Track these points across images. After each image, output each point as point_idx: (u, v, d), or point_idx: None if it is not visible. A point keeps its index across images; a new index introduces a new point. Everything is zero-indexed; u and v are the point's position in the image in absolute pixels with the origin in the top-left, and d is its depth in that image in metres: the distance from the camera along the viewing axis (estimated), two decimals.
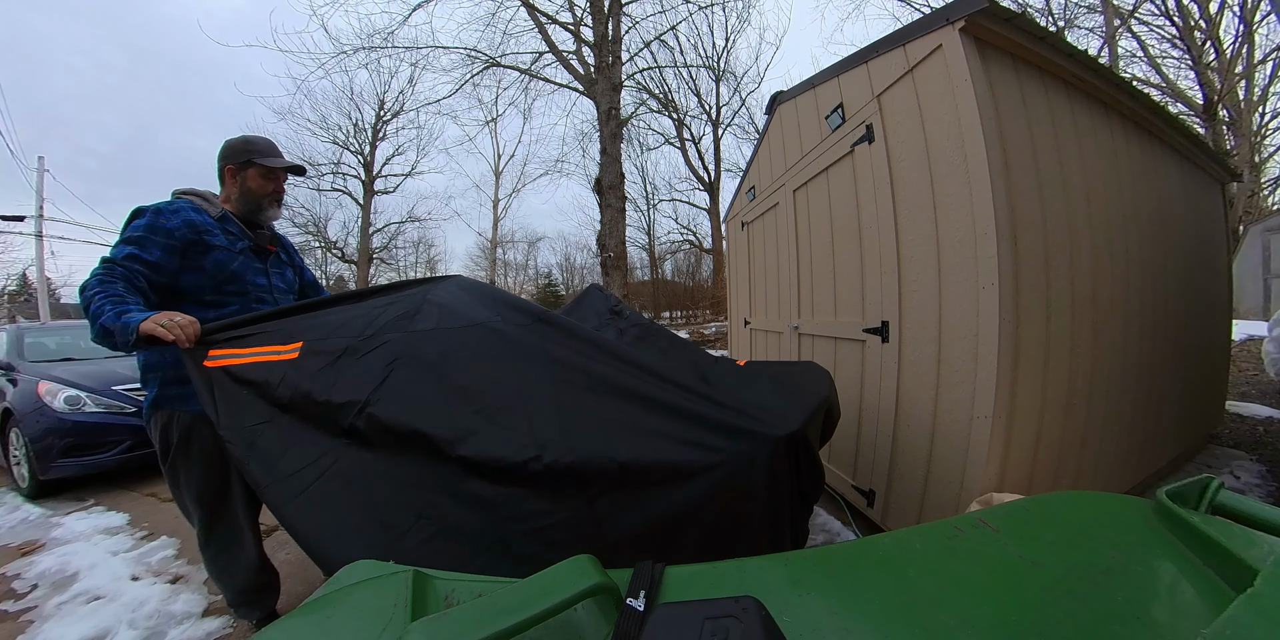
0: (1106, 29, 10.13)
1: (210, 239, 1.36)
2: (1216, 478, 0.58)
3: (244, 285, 1.42)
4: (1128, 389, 1.99)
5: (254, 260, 1.48)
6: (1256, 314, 7.97)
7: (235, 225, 1.46)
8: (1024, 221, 1.50)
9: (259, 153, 1.44)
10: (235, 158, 1.44)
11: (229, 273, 1.39)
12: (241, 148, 1.44)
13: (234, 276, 1.40)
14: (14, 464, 3.17)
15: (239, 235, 1.46)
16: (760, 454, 0.96)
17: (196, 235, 1.33)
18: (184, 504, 1.40)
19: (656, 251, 26.65)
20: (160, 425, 1.34)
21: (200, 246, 1.34)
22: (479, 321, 1.21)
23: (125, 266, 1.22)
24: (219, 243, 1.38)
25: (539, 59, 8.88)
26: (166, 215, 1.30)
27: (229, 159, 1.44)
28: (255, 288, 1.45)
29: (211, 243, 1.36)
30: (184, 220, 1.32)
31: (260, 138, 1.50)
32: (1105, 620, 0.43)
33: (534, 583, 0.43)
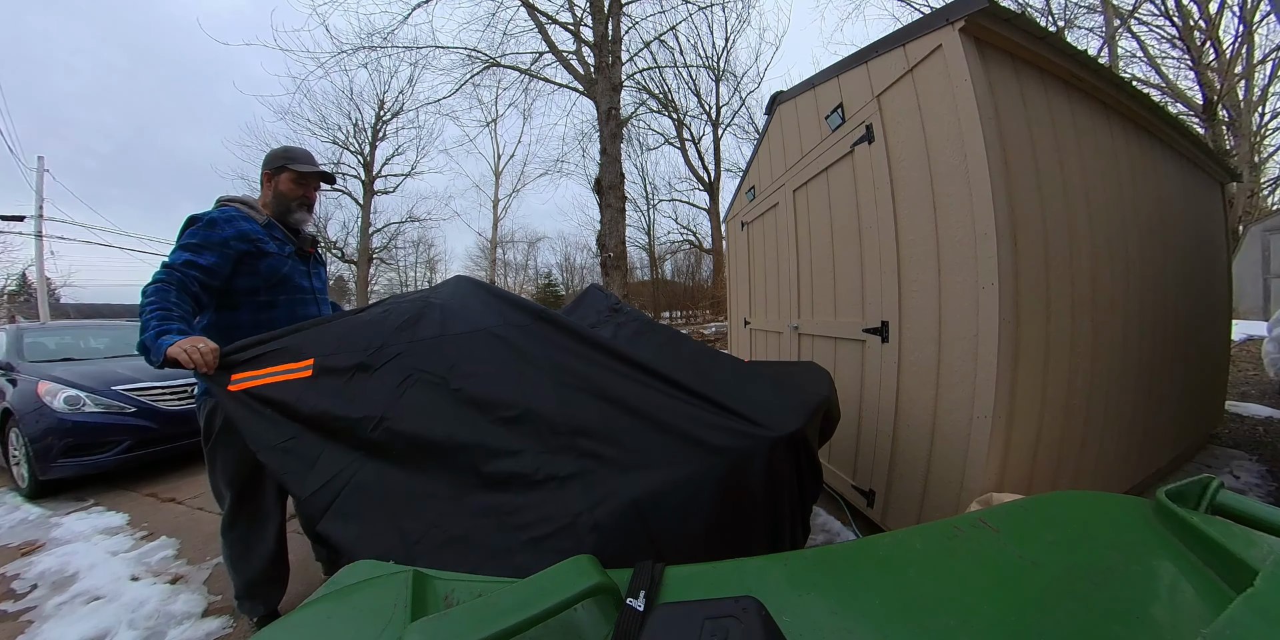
0: (1106, 29, 10.13)
1: (264, 246, 1.47)
2: (1216, 478, 0.58)
3: (292, 288, 1.54)
4: (1127, 389, 1.99)
5: (299, 263, 1.59)
6: (1256, 314, 7.97)
7: (280, 231, 1.57)
8: (1024, 221, 1.50)
9: (293, 160, 1.57)
10: (272, 163, 1.57)
11: (280, 276, 1.50)
12: (279, 155, 1.58)
13: (284, 280, 1.52)
14: (14, 464, 3.17)
15: (285, 240, 1.57)
16: (760, 454, 0.96)
17: (250, 244, 1.44)
18: (217, 486, 1.46)
19: (656, 251, 26.66)
20: (207, 411, 1.42)
21: (255, 254, 1.45)
22: (482, 327, 1.22)
23: (182, 272, 1.31)
24: (271, 249, 1.49)
25: (539, 59, 8.89)
26: (221, 225, 1.40)
27: (267, 165, 1.57)
28: (301, 290, 1.57)
29: (265, 249, 1.47)
30: (237, 230, 1.42)
31: (299, 148, 1.62)
32: (1105, 620, 0.43)
33: (534, 583, 0.43)
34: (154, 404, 3.32)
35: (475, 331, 1.21)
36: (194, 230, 1.38)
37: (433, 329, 1.21)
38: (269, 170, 1.57)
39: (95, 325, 4.86)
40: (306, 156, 1.60)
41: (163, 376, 3.50)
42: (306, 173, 1.58)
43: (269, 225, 1.54)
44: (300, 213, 1.61)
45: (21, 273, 23.45)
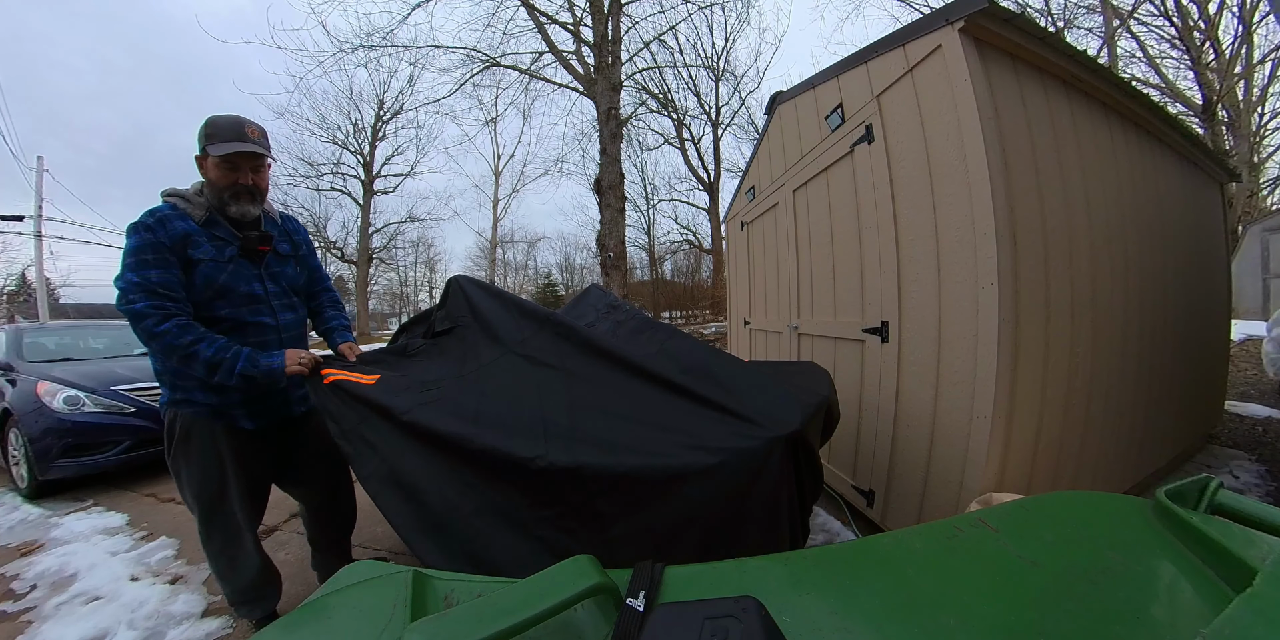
0: (1106, 29, 10.14)
1: (194, 251, 1.26)
2: (1215, 477, 0.58)
3: (235, 297, 1.33)
4: (1127, 389, 1.99)
5: (246, 267, 1.35)
6: (1255, 314, 7.97)
7: (223, 228, 1.32)
8: (1023, 221, 1.50)
9: (213, 137, 1.25)
10: (199, 145, 1.27)
11: (217, 287, 1.29)
12: (201, 133, 1.26)
13: (224, 290, 1.30)
14: (13, 464, 3.17)
15: (227, 239, 1.32)
16: (760, 454, 0.96)
17: (183, 250, 1.25)
18: (185, 500, 1.41)
19: (656, 251, 26.67)
20: (168, 422, 1.36)
21: (187, 261, 1.26)
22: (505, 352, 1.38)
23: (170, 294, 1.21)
24: (204, 254, 1.27)
25: (539, 59, 8.89)
26: (155, 230, 1.22)
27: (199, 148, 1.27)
28: (247, 299, 1.35)
29: (195, 256, 1.26)
30: (170, 232, 1.23)
31: (225, 118, 1.27)
32: (1105, 620, 0.43)
33: (534, 583, 0.43)
34: (153, 404, 3.31)
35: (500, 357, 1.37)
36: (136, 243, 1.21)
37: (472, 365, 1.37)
38: (197, 155, 1.28)
39: (95, 325, 4.85)
40: (232, 129, 1.26)
41: None
42: (228, 155, 1.25)
43: (209, 222, 1.30)
44: (238, 204, 1.32)
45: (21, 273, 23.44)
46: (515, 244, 30.09)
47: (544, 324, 1.41)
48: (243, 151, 1.26)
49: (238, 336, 1.32)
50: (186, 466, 1.35)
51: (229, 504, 1.38)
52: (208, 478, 1.35)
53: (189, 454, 1.34)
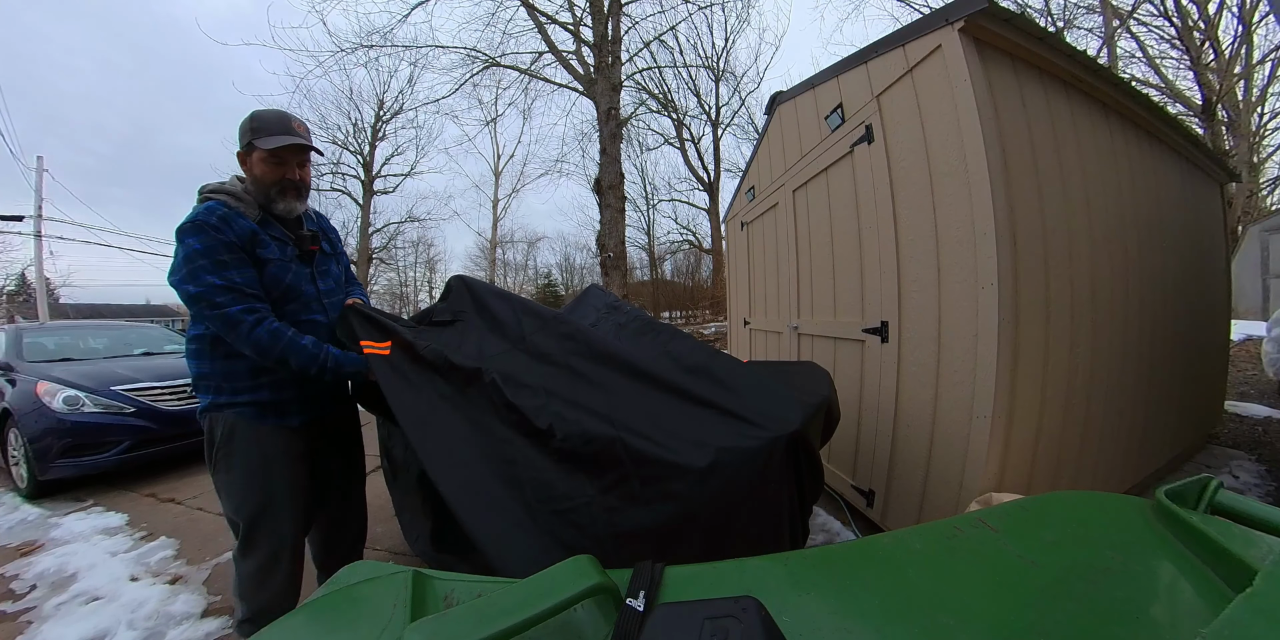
0: (1105, 29, 10.14)
1: (263, 251, 1.23)
2: (1215, 477, 0.58)
3: (298, 297, 1.31)
4: (1127, 388, 1.99)
5: (301, 266, 1.34)
6: (1255, 314, 7.97)
7: (278, 228, 1.30)
8: (1023, 221, 1.50)
9: (259, 131, 1.22)
10: (241, 141, 1.24)
11: (285, 287, 1.27)
12: (245, 128, 1.23)
13: (290, 291, 1.28)
14: (13, 464, 3.17)
15: (284, 240, 1.30)
16: (761, 454, 0.96)
17: (250, 250, 1.20)
18: (228, 507, 1.29)
19: (656, 251, 26.68)
20: (208, 428, 1.29)
21: (255, 261, 1.21)
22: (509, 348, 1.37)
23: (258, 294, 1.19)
24: (271, 254, 1.24)
25: (539, 59, 8.89)
26: (223, 229, 1.16)
27: (238, 143, 1.25)
28: (306, 297, 1.34)
29: (264, 255, 1.23)
30: (238, 232, 1.18)
31: (270, 111, 1.25)
32: (1105, 620, 0.43)
33: (533, 583, 0.43)
34: (153, 404, 3.31)
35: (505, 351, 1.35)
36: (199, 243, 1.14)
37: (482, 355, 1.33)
38: (240, 150, 1.25)
39: (94, 325, 4.86)
40: (278, 123, 1.23)
41: (162, 376, 3.50)
42: (278, 149, 1.21)
43: (264, 222, 1.26)
44: (285, 200, 1.28)
45: (20, 273, 23.44)
46: (515, 244, 30.11)
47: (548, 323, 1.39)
48: (291, 145, 1.22)
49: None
50: (228, 473, 1.25)
51: (277, 514, 1.27)
52: (250, 484, 1.25)
53: (230, 459, 1.25)
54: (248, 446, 1.25)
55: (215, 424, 1.26)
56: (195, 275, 1.13)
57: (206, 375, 1.27)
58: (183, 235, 1.16)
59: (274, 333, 1.17)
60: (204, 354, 1.25)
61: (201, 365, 1.27)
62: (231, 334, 1.15)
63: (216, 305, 1.13)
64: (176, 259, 1.16)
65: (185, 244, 1.15)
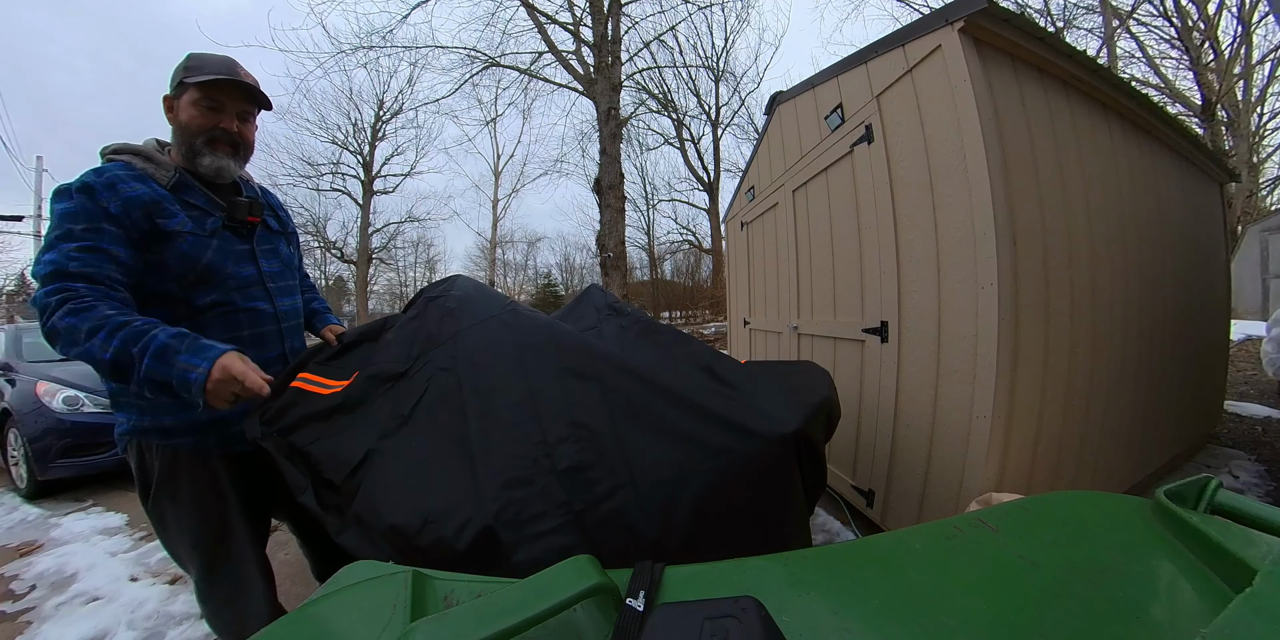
0: (1105, 30, 10.15)
1: (166, 223, 0.95)
2: (1215, 477, 0.58)
3: (222, 280, 1.03)
4: (1126, 388, 1.99)
5: (233, 241, 1.07)
6: (1255, 314, 7.98)
7: (198, 193, 1.03)
8: (1023, 221, 1.50)
9: (195, 70, 0.99)
10: (171, 83, 1.01)
11: (202, 268, 1.00)
12: (178, 68, 1.00)
13: (208, 272, 1.01)
14: (12, 464, 3.17)
15: (207, 208, 1.03)
16: (760, 454, 0.96)
17: (147, 220, 0.94)
18: (176, 551, 1.08)
19: (656, 251, 26.68)
20: (136, 455, 1.03)
21: (155, 235, 0.95)
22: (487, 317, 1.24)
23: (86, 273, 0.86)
24: (179, 226, 0.97)
25: (538, 59, 8.89)
26: (103, 193, 0.91)
27: (168, 88, 1.02)
28: (239, 280, 1.06)
29: (168, 228, 0.95)
30: (125, 198, 0.92)
31: (213, 54, 1.03)
32: (1104, 620, 0.43)
33: (533, 583, 0.43)
34: None
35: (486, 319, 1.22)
36: (66, 208, 0.90)
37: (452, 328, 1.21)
38: (168, 95, 1.02)
39: None
40: (222, 65, 1.01)
41: None
42: (217, 84, 0.98)
43: (179, 185, 1.00)
44: (213, 155, 1.03)
45: (20, 273, 23.44)
46: (515, 244, 30.06)
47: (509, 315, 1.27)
48: (232, 82, 0.99)
49: (226, 329, 1.03)
50: (175, 510, 1.02)
51: (235, 548, 1.06)
52: (206, 522, 1.03)
53: (177, 497, 1.02)
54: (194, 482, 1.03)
55: (146, 455, 1.01)
56: (47, 248, 0.89)
57: (124, 391, 1.01)
58: (51, 199, 0.93)
59: (76, 312, 0.82)
60: None
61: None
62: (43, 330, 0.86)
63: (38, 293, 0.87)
64: None
65: (51, 208, 0.93)
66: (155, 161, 1.00)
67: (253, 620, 1.06)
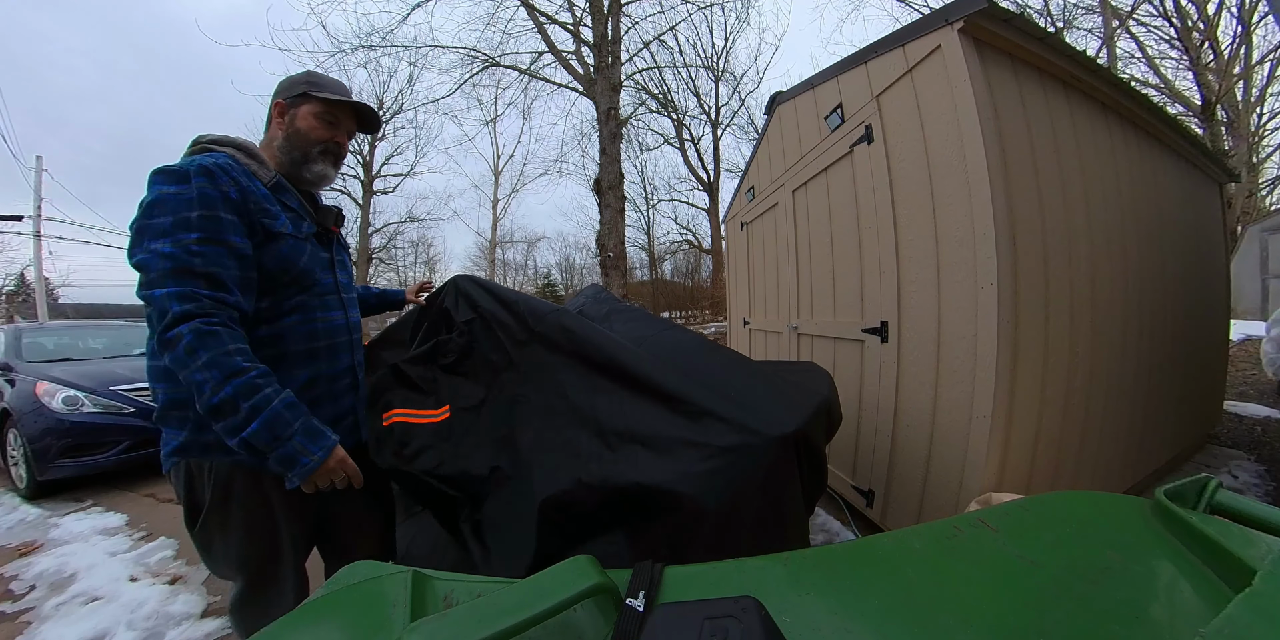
0: (1105, 30, 10.15)
1: (273, 223, 0.94)
2: (1215, 477, 0.58)
3: (310, 284, 1.02)
4: (1126, 388, 1.99)
5: (319, 249, 1.06)
6: (1254, 314, 7.98)
7: (295, 198, 1.03)
8: (1023, 221, 1.50)
9: (318, 85, 1.03)
10: (288, 91, 1.03)
11: (297, 272, 0.98)
12: (297, 80, 1.04)
13: (302, 276, 0.99)
14: (12, 464, 3.17)
15: (300, 213, 1.03)
16: (760, 454, 0.96)
17: (258, 215, 0.91)
18: (221, 568, 1.05)
19: (656, 251, 26.69)
20: (184, 478, 0.94)
21: (262, 232, 0.92)
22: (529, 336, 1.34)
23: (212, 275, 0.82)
24: (282, 227, 0.95)
25: (538, 59, 8.89)
26: (223, 178, 0.87)
27: (280, 93, 1.04)
28: (322, 288, 1.04)
29: (274, 228, 0.94)
30: (244, 188, 0.90)
31: (328, 76, 1.08)
32: (1104, 619, 0.43)
33: (533, 583, 0.43)
34: (152, 404, 3.30)
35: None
36: (182, 192, 0.83)
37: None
38: (283, 100, 1.02)
39: (94, 325, 4.85)
40: (340, 86, 1.07)
41: None
42: (339, 103, 1.03)
43: (278, 187, 0.99)
44: (322, 165, 1.05)
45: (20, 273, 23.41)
46: (515, 244, 30.13)
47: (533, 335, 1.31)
48: (357, 108, 1.06)
49: (305, 338, 1.00)
50: (224, 533, 0.96)
51: (281, 569, 1.02)
52: (255, 537, 0.97)
53: (228, 519, 0.95)
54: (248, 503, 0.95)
55: (199, 476, 0.93)
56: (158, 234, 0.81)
57: (183, 402, 0.90)
58: (156, 181, 0.85)
59: (202, 336, 0.78)
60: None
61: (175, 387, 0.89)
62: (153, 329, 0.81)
63: (149, 283, 0.80)
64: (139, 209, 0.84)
65: (155, 191, 0.84)
66: (258, 159, 0.99)
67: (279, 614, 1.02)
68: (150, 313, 0.82)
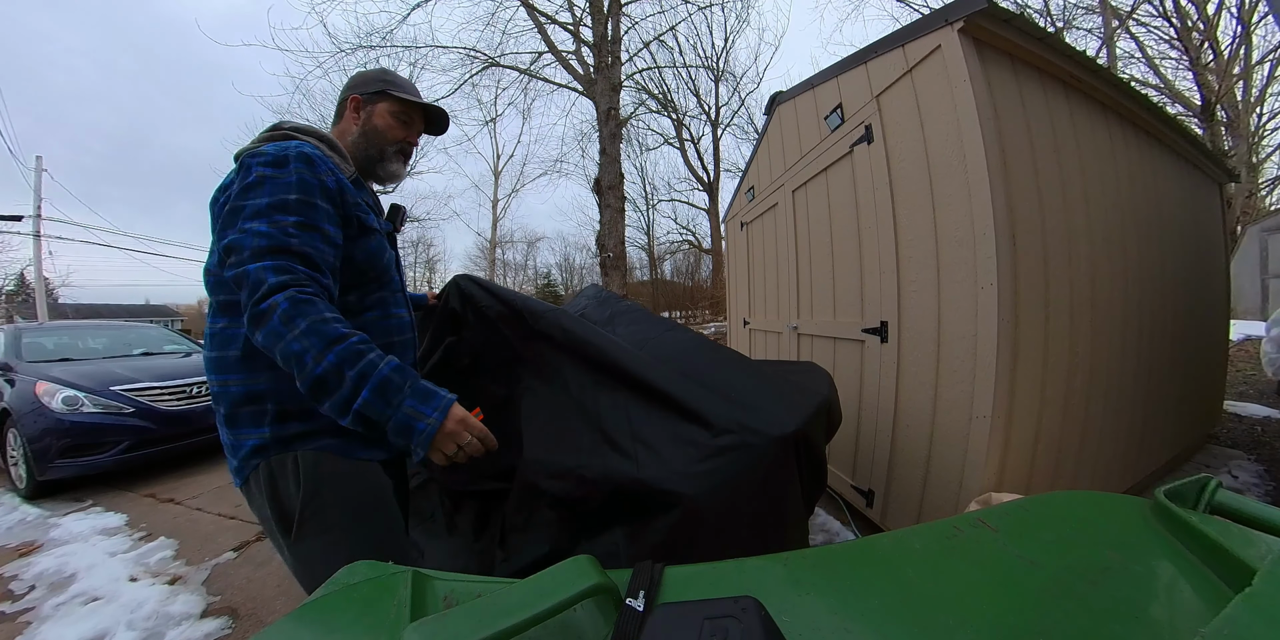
0: (1105, 30, 10.16)
1: (365, 217, 0.92)
2: (1214, 477, 0.58)
3: (389, 281, 1.00)
4: (1126, 388, 1.99)
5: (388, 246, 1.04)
6: (1254, 314, 7.99)
7: (370, 195, 1.04)
8: (1022, 221, 1.50)
9: (395, 85, 1.03)
10: (365, 86, 1.01)
11: (381, 267, 0.97)
12: (373, 76, 1.03)
13: (384, 271, 0.98)
14: (12, 464, 3.17)
15: (375, 209, 1.03)
16: (759, 453, 0.96)
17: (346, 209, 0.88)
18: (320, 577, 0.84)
19: (656, 251, 26.71)
20: (267, 482, 0.81)
21: (356, 225, 0.90)
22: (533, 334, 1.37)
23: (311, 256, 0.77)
24: (373, 223, 0.95)
25: (538, 59, 8.89)
26: (320, 166, 0.84)
27: (357, 88, 1.02)
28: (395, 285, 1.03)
29: (369, 222, 0.93)
30: (338, 178, 0.88)
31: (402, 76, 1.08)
32: (1104, 619, 0.43)
33: (533, 583, 0.43)
34: (152, 404, 3.31)
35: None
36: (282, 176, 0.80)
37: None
38: (360, 95, 1.00)
39: (93, 325, 4.85)
40: (414, 88, 1.07)
41: (161, 376, 3.50)
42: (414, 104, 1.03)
43: (357, 183, 0.98)
44: (395, 164, 1.05)
45: (20, 273, 23.43)
46: (515, 244, 30.18)
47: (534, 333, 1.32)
48: (434, 112, 1.06)
49: (383, 333, 0.96)
50: (324, 535, 0.81)
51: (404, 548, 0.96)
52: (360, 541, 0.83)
53: (324, 516, 0.81)
54: (346, 491, 0.84)
55: (281, 473, 0.81)
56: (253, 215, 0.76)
57: (261, 394, 0.82)
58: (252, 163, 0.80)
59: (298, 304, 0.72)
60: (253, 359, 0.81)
61: (251, 377, 0.82)
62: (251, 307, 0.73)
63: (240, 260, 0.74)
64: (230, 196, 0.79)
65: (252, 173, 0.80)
66: (340, 153, 0.96)
67: None
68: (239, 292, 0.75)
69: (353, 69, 10.24)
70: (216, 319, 0.85)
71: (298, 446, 0.83)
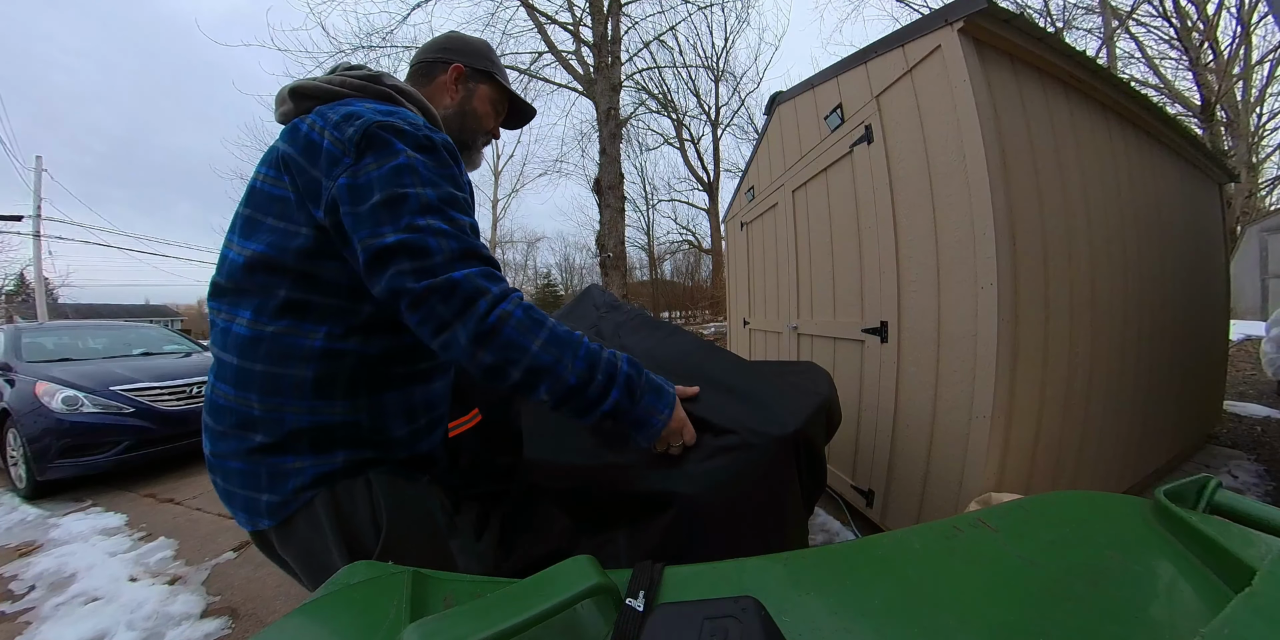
0: (1105, 30, 10.16)
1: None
2: (1214, 477, 0.58)
3: None
4: (1126, 388, 2.00)
5: None
6: (1254, 314, 7.99)
7: None
8: (1022, 221, 1.50)
9: (502, 71, 0.95)
10: (473, 59, 0.90)
11: None
12: (483, 52, 0.92)
13: None
14: (11, 465, 3.17)
15: None
16: (759, 453, 0.96)
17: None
18: None
19: (656, 251, 26.72)
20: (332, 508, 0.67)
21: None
22: None
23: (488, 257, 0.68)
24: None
25: (538, 59, 8.90)
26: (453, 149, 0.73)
27: (463, 55, 0.89)
28: None
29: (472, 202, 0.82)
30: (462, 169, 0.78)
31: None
32: (1103, 619, 0.43)
33: (533, 583, 0.43)
34: (152, 404, 3.31)
35: None
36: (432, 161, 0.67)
37: None
38: (464, 66, 0.88)
39: (93, 325, 4.85)
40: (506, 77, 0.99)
41: (161, 376, 3.50)
42: (516, 99, 0.98)
43: None
44: (478, 152, 0.98)
45: (19, 273, 23.43)
46: (515, 244, 30.18)
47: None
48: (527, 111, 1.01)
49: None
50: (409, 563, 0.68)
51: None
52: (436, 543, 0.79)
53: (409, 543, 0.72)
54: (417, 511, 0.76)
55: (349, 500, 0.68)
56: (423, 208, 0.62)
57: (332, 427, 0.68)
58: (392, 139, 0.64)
59: (530, 311, 0.65)
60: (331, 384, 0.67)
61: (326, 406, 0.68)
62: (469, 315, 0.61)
63: (445, 258, 0.62)
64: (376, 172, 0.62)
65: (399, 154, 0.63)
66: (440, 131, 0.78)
67: None
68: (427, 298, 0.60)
69: None
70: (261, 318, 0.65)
71: (367, 470, 0.72)
